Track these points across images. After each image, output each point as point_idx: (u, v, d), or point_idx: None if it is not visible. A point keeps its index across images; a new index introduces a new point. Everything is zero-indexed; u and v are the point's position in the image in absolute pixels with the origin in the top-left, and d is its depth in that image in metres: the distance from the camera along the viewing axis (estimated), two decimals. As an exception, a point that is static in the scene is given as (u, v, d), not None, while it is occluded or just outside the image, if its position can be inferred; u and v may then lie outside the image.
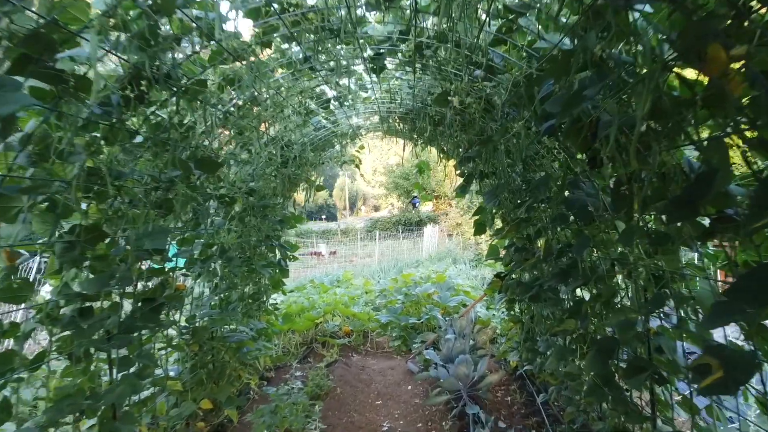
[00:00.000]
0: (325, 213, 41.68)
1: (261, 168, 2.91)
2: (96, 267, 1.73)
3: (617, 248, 2.00)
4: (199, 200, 2.16)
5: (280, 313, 4.44)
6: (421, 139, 3.57)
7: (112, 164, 1.56)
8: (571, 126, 1.51)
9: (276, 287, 3.84)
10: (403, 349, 4.47)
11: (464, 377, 2.75)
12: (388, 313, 4.69)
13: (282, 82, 2.26)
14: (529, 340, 3.39)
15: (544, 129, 1.47)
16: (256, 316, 3.78)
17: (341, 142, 3.67)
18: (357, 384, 3.51)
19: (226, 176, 2.59)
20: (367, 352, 4.64)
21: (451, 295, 4.78)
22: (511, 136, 2.10)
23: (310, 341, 4.64)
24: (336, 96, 2.63)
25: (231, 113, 2.05)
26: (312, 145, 3.37)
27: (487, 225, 3.42)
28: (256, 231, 3.30)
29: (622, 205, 1.38)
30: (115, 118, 1.48)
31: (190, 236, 2.60)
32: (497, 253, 3.47)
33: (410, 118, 3.10)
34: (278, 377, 3.76)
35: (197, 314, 2.70)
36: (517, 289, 3.07)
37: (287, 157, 3.03)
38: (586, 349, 2.10)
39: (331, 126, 3.32)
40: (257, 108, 2.32)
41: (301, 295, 5.45)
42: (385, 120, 3.42)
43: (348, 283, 6.83)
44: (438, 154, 3.62)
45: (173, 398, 2.52)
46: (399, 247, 15.10)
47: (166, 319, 2.33)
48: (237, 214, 2.94)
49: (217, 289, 2.99)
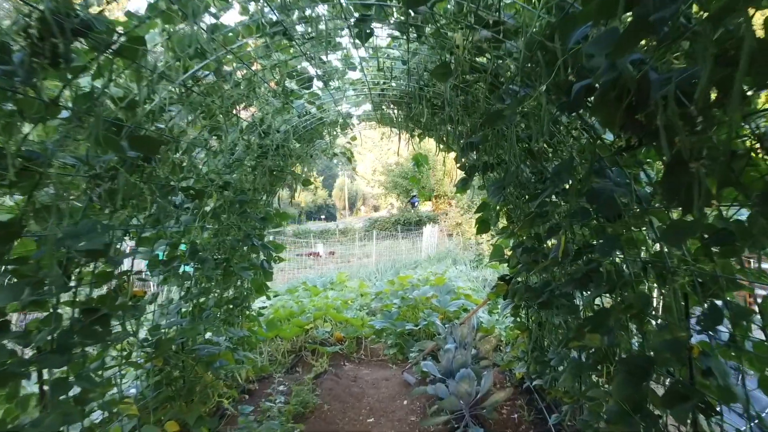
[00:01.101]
0: (324, 213, 41.72)
1: (236, 158, 2.59)
2: (21, 272, 1.42)
3: (651, 248, 1.69)
4: (153, 192, 1.83)
5: (265, 318, 4.12)
6: (417, 128, 3.26)
7: (24, 143, 1.24)
8: (605, 94, 1.19)
9: (259, 291, 3.52)
10: (399, 357, 4.15)
11: (466, 395, 2.44)
12: (383, 319, 4.37)
13: (253, 54, 1.94)
14: (537, 350, 3.08)
15: (575, 92, 1.15)
16: (238, 323, 3.47)
17: (330, 132, 3.35)
18: (347, 398, 3.19)
19: (194, 166, 2.27)
20: (361, 360, 4.32)
21: (450, 299, 4.47)
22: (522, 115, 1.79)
23: (299, 349, 4.32)
24: (319, 75, 2.31)
25: (190, 88, 1.73)
26: (297, 134, 3.05)
27: (490, 223, 3.11)
28: (235, 229, 2.99)
29: (675, 193, 1.06)
30: (23, 82, 1.16)
31: (152, 235, 2.28)
32: (502, 253, 3.15)
33: (405, 102, 2.78)
34: (261, 390, 3.45)
35: (162, 324, 2.38)
36: (525, 295, 2.76)
37: (267, 147, 2.71)
38: (612, 367, 1.78)
39: (318, 113, 3.00)
40: (226, 86, 2.00)
41: (291, 299, 5.13)
42: (378, 107, 3.10)
43: (342, 285, 6.50)
44: (437, 145, 3.30)
45: (133, 421, 2.20)
46: (397, 247, 14.77)
47: (122, 331, 2.02)
48: (211, 211, 2.62)
49: (189, 295, 2.67)
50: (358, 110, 3.42)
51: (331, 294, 5.36)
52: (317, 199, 43.00)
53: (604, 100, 1.24)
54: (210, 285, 2.87)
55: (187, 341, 2.62)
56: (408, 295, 4.52)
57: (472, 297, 4.66)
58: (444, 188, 23.12)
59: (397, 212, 25.04)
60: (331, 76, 2.35)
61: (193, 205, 2.53)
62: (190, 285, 2.69)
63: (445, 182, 22.94)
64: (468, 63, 1.71)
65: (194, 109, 1.90)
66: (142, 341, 2.23)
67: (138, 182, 1.81)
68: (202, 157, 2.31)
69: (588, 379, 2.22)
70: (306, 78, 2.26)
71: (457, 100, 2.24)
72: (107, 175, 1.58)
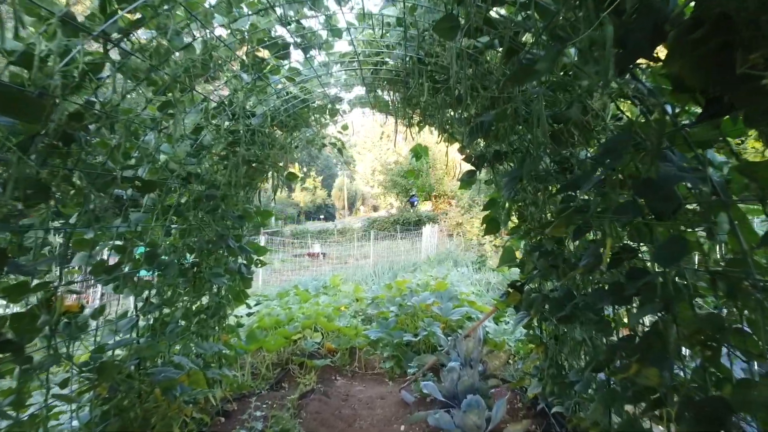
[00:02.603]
0: (323, 213, 41.65)
1: (202, 145, 2.20)
2: None
3: (726, 253, 1.30)
4: (83, 182, 1.44)
5: (248, 328, 3.72)
6: (416, 114, 2.86)
7: None
8: (692, 29, 0.82)
9: (238, 300, 3.12)
10: (397, 371, 3.76)
11: (475, 429, 2.04)
12: (378, 328, 3.97)
13: (211, 10, 1.54)
14: (553, 367, 2.69)
15: (637, 33, 0.77)
16: (214, 335, 3.07)
17: (318, 119, 2.96)
18: (336, 423, 2.80)
19: (145, 152, 1.87)
20: (354, 373, 3.93)
21: (453, 306, 4.07)
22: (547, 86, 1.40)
23: (286, 361, 3.92)
24: (297, 42, 1.92)
25: (117, 44, 1.34)
26: (277, 119, 2.65)
27: (500, 221, 2.73)
28: (207, 229, 2.59)
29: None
30: None
31: (98, 236, 1.89)
32: (513, 257, 2.76)
33: (402, 80, 2.39)
34: (241, 410, 3.06)
35: (110, 343, 1.99)
36: (543, 306, 2.37)
37: (240, 133, 2.31)
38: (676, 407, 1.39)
39: (301, 94, 2.61)
40: (178, 53, 1.60)
41: (280, 304, 4.73)
42: (372, 88, 2.71)
43: (336, 289, 6.10)
44: (438, 134, 2.92)
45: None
46: (396, 248, 14.35)
47: (49, 355, 1.64)
48: (173, 208, 2.23)
49: (148, 307, 2.27)
50: (350, 94, 3.02)
51: (323, 300, 4.96)
52: (316, 199, 42.68)
53: (688, 42, 0.86)
54: (175, 294, 2.47)
55: (145, 362, 2.22)
56: (406, 302, 4.13)
57: (476, 304, 4.26)
58: (444, 187, 22.73)
59: (397, 212, 24.65)
60: (311, 43, 1.96)
61: (148, 200, 2.14)
62: (149, 295, 2.29)
63: (445, 181, 22.56)
64: (482, 14, 1.31)
65: (134, 77, 1.50)
66: (81, 366, 1.85)
67: (62, 168, 1.42)
68: (156, 143, 1.92)
69: (623, 411, 1.83)
70: (281, 45, 1.87)
71: (464, 74, 1.85)
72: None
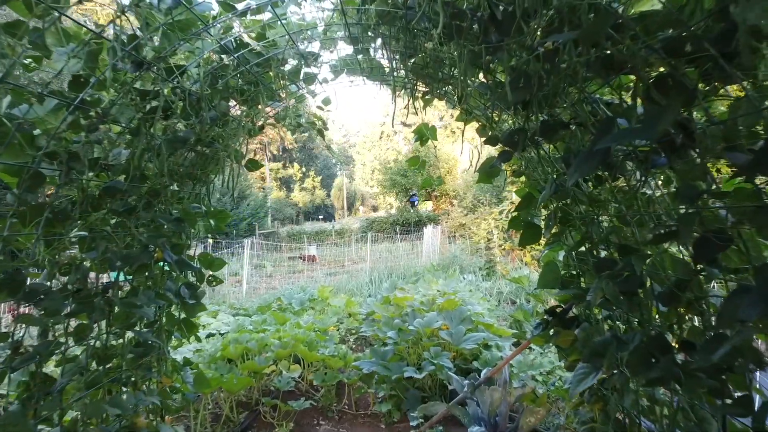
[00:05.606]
0: (322, 213, 41.29)
1: (87, 109, 1.43)
2: None
3: None
4: None
5: (205, 360, 2.94)
6: (419, 78, 2.09)
7: None
8: None
9: (182, 332, 2.35)
10: (395, 416, 2.98)
11: None
12: (373, 358, 3.19)
13: None
14: (617, 431, 1.92)
15: None
16: (152, 378, 2.30)
17: (286, 85, 2.19)
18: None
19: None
20: (342, 415, 3.15)
21: (466, 330, 3.29)
22: None
23: (256, 402, 3.14)
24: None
25: None
26: (224, 82, 1.89)
27: (541, 228, 2.00)
28: (126, 237, 1.83)
29: None
30: None
31: None
32: (557, 275, 2.00)
33: (400, 20, 1.60)
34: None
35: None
36: (615, 353, 1.59)
37: (162, 96, 1.54)
38: None
39: (257, 45, 1.84)
40: None
41: (253, 324, 3.95)
42: (361, 39, 1.94)
43: (324, 303, 5.30)
44: (457, 106, 2.17)
45: None
46: (396, 251, 13.51)
47: None
48: (48, 206, 1.46)
49: (17, 357, 1.50)
50: (332, 54, 2.24)
51: (305, 319, 4.16)
52: (315, 199, 42.02)
53: None
54: (67, 333, 1.70)
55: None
56: (408, 326, 3.35)
57: (493, 327, 3.48)
58: (445, 186, 21.91)
59: (396, 212, 23.88)
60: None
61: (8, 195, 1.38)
62: (18, 338, 1.52)
63: (447, 179, 21.76)
64: None
65: None
66: None
67: None
68: None
69: None
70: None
71: None
72: None
